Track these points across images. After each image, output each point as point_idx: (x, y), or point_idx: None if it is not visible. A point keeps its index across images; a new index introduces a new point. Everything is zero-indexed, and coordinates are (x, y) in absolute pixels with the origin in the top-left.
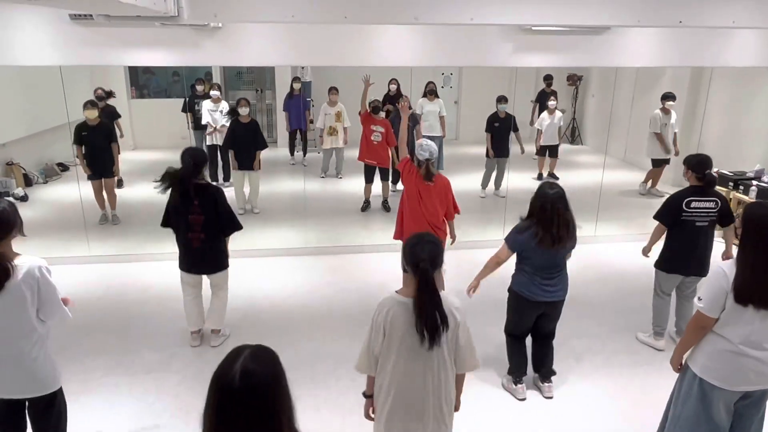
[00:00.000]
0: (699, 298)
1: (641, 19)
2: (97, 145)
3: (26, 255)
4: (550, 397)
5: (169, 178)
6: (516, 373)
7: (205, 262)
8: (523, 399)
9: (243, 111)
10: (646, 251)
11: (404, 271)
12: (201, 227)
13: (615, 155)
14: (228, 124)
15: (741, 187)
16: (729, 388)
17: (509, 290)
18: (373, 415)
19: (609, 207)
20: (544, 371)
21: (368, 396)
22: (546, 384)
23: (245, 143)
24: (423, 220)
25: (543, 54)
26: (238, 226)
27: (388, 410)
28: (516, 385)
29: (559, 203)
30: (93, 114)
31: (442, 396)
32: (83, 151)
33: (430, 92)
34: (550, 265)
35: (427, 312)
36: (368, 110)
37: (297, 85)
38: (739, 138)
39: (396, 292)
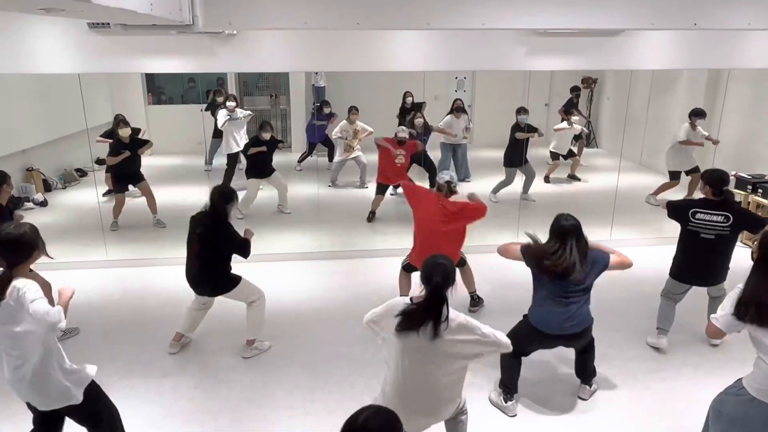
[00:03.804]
0: (715, 317)
1: (655, 22)
2: (129, 160)
3: (24, 279)
4: (584, 399)
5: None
6: (507, 388)
7: (203, 286)
8: (514, 415)
9: (266, 135)
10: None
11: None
12: (197, 255)
13: (631, 158)
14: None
15: (760, 191)
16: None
17: (524, 316)
18: None
19: (625, 211)
20: (584, 378)
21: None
22: (584, 386)
23: (265, 157)
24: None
25: (557, 57)
26: (244, 254)
27: (392, 401)
28: (506, 402)
29: (571, 235)
30: (126, 132)
31: (444, 394)
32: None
33: (458, 109)
34: (563, 291)
35: (425, 315)
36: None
37: (327, 110)
38: (757, 140)
39: (411, 298)
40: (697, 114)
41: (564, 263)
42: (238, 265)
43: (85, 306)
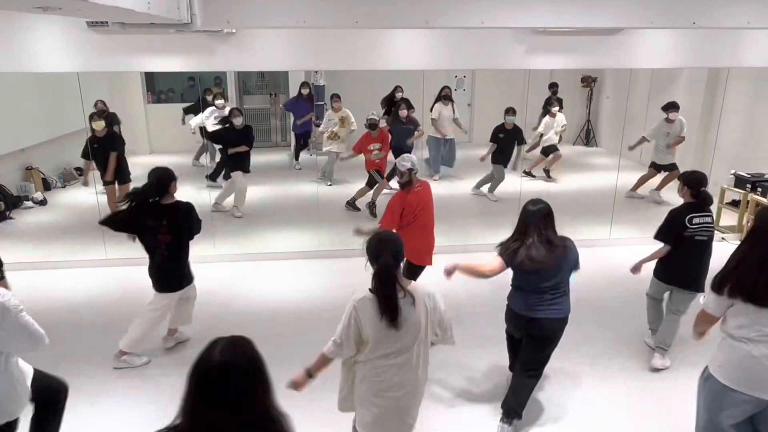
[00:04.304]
0: (704, 297)
1: (654, 21)
2: (102, 160)
3: None
4: None
5: (134, 197)
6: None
7: (170, 275)
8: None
9: (237, 121)
10: (636, 269)
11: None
12: (167, 246)
13: (630, 157)
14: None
15: (759, 189)
16: (742, 390)
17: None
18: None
19: (624, 210)
20: (507, 407)
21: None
22: (501, 422)
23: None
24: (429, 233)
25: (556, 55)
26: (194, 231)
27: (373, 392)
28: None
29: (540, 221)
30: (100, 125)
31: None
32: (93, 164)
33: (445, 97)
34: (540, 282)
35: (386, 303)
36: (366, 130)
37: (305, 90)
38: (756, 139)
39: (369, 290)
40: (669, 107)
41: (536, 257)
42: (237, 264)
43: (84, 305)
